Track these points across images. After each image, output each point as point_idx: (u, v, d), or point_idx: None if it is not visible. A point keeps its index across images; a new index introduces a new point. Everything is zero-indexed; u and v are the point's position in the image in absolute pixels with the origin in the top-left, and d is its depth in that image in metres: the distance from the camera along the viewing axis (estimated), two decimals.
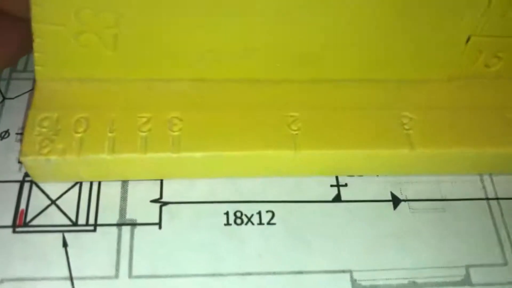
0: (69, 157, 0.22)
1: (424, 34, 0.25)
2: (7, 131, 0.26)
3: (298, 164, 0.24)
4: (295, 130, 0.24)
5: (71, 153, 0.23)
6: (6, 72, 0.28)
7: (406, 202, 0.26)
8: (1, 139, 0.25)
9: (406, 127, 0.25)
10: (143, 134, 0.23)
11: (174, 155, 0.23)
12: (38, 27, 0.22)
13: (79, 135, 0.23)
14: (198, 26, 0.23)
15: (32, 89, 0.27)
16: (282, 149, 0.24)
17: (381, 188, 0.26)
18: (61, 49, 0.23)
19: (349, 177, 0.26)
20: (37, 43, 0.23)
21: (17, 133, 0.26)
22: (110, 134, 0.23)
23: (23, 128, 0.26)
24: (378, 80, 0.26)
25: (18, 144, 0.25)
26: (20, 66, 0.28)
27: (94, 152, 0.23)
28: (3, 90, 0.27)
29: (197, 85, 0.25)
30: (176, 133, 0.23)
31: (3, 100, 0.27)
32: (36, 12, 0.22)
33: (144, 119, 0.24)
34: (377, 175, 0.26)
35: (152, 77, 0.25)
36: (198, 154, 0.23)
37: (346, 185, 0.26)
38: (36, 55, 0.23)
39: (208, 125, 0.24)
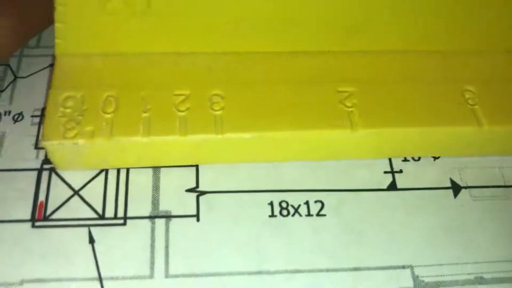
0: (99, 140, 0.20)
1: (483, 3, 0.23)
2: (20, 114, 0.23)
3: (353, 145, 0.22)
4: (349, 107, 0.21)
5: (102, 135, 0.20)
6: None
7: (467, 189, 0.23)
8: (14, 123, 0.23)
9: (470, 102, 0.22)
10: (182, 114, 0.20)
11: (218, 137, 0.20)
12: None
13: (109, 115, 0.20)
14: None
15: (49, 66, 0.24)
16: (338, 128, 0.21)
17: (439, 174, 0.23)
18: (85, 19, 0.21)
19: (403, 162, 0.23)
20: (59, 11, 0.20)
21: (32, 116, 0.23)
22: (144, 115, 0.20)
23: (41, 110, 0.23)
24: (436, 51, 0.24)
25: (34, 128, 0.23)
26: (31, 41, 0.25)
27: (128, 134, 0.20)
28: (14, 68, 0.24)
29: (237, 59, 0.22)
30: (218, 112, 0.21)
31: (14, 79, 0.24)
32: None
33: (182, 97, 0.21)
34: (434, 159, 0.23)
35: (184, 50, 0.22)
36: (245, 135, 0.21)
37: (401, 171, 0.23)
38: (57, 25, 0.21)
39: (253, 103, 0.21)
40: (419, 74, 0.23)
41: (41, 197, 0.21)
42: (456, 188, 0.23)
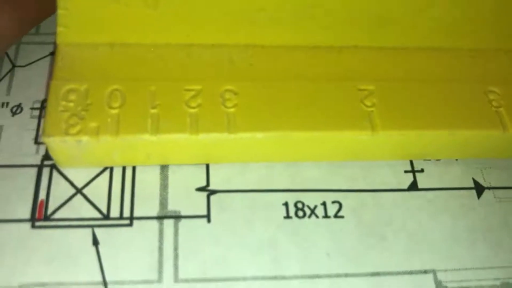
0: (105, 137, 0.18)
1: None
2: (19, 106, 0.21)
3: (373, 146, 0.21)
4: (369, 107, 0.20)
5: (107, 133, 0.18)
6: None
7: (491, 190, 0.22)
8: (13, 115, 0.21)
9: (494, 104, 0.21)
10: (193, 110, 0.19)
11: (231, 136, 0.19)
12: None
13: (114, 111, 0.19)
14: None
15: (49, 55, 0.22)
16: (357, 129, 0.20)
17: (461, 173, 0.22)
18: (90, 6, 0.19)
19: (424, 161, 0.22)
20: None
21: (32, 108, 0.21)
22: (152, 111, 0.19)
23: (41, 102, 0.21)
24: (460, 49, 0.22)
25: (34, 121, 0.21)
26: None
27: (135, 131, 0.19)
28: (11, 56, 0.23)
29: (251, 52, 0.21)
30: (231, 110, 0.19)
31: (12, 68, 0.22)
32: None
33: (192, 93, 0.19)
34: (456, 159, 0.22)
35: (195, 41, 0.21)
36: (259, 135, 0.19)
37: (422, 170, 0.22)
38: (59, 12, 0.19)
39: (267, 100, 0.20)
40: (442, 73, 0.22)
41: (42, 196, 0.20)
42: (479, 189, 0.22)
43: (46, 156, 0.20)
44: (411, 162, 0.22)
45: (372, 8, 0.21)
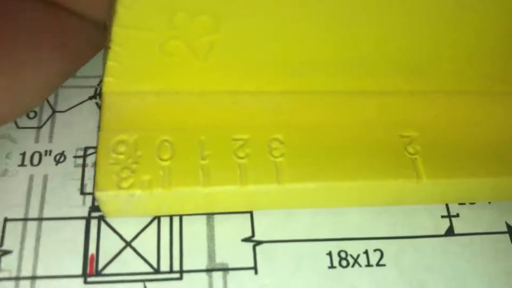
0: (157, 191, 0.19)
1: None
2: (62, 154, 0.21)
3: (417, 193, 0.21)
4: (413, 154, 0.20)
5: (159, 185, 0.19)
6: None
7: None
8: (56, 164, 0.21)
9: None
10: (242, 161, 0.19)
11: (280, 187, 0.19)
12: (120, 32, 0.18)
13: (166, 163, 0.19)
14: (299, 34, 0.19)
15: (88, 99, 0.22)
16: (403, 178, 0.20)
17: (494, 217, 0.23)
18: (141, 59, 0.19)
19: (459, 206, 0.23)
20: (114, 51, 0.19)
21: (75, 156, 0.21)
22: (202, 162, 0.19)
23: (84, 149, 0.21)
24: (497, 92, 0.23)
25: (78, 170, 0.21)
26: None
27: (187, 184, 0.19)
28: (51, 101, 0.23)
29: (295, 98, 0.21)
30: (278, 160, 0.20)
31: (53, 114, 0.22)
32: (122, 15, 0.17)
33: (241, 142, 0.20)
34: (489, 202, 0.23)
35: (242, 89, 0.21)
36: (307, 185, 0.19)
37: (457, 215, 0.22)
38: (110, 64, 0.19)
39: (312, 149, 0.20)
40: (485, 118, 0.22)
41: (92, 250, 0.20)
42: None
43: (93, 208, 0.20)
44: (447, 207, 0.23)
45: (413, 53, 0.21)
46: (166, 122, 0.20)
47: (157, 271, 0.20)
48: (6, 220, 0.20)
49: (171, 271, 0.20)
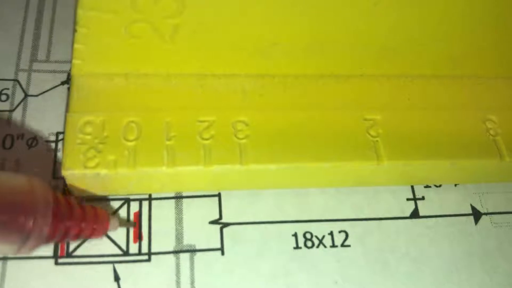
0: (122, 170, 0.19)
1: (510, 29, 0.22)
2: (34, 138, 0.22)
3: (378, 175, 0.22)
4: (374, 137, 0.21)
5: (124, 165, 0.19)
6: (25, 61, 0.23)
7: (488, 216, 0.23)
8: (29, 148, 0.22)
9: (491, 132, 0.22)
10: (206, 142, 0.20)
11: (243, 168, 0.20)
12: (84, 15, 0.18)
13: (131, 143, 0.20)
14: (266, 17, 0.20)
15: (61, 84, 0.23)
16: (364, 160, 0.21)
17: (460, 200, 0.23)
18: (108, 41, 0.20)
19: (425, 189, 0.23)
20: (80, 33, 0.19)
21: (47, 141, 0.22)
22: (167, 142, 0.20)
23: (56, 134, 0.22)
24: (461, 76, 0.23)
25: (50, 154, 0.21)
26: (41, 54, 0.24)
27: (152, 164, 0.19)
28: (23, 85, 0.23)
29: (260, 82, 0.21)
30: (242, 141, 0.20)
31: (25, 98, 0.23)
32: None
33: (206, 124, 0.20)
34: (455, 185, 0.23)
35: (209, 72, 0.21)
36: (270, 166, 0.20)
37: (423, 198, 0.23)
38: (76, 46, 0.19)
39: (276, 131, 0.21)
40: (443, 101, 0.23)
41: None
42: (477, 215, 0.23)
43: (65, 192, 0.21)
44: (413, 190, 0.23)
45: (377, 38, 0.21)
46: (133, 104, 0.20)
47: (126, 253, 0.20)
48: None
49: (139, 253, 0.20)
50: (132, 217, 0.21)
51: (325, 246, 0.21)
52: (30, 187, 0.17)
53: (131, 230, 0.21)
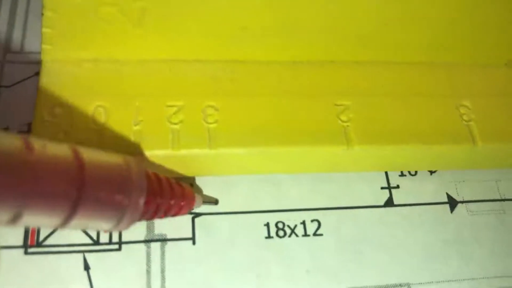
0: None
1: (484, 16, 0.22)
2: (6, 129, 0.22)
3: (350, 160, 0.21)
4: (345, 122, 0.21)
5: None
6: None
7: (464, 204, 0.23)
8: None
9: (465, 118, 0.22)
10: (175, 126, 0.20)
11: (212, 152, 0.20)
12: None
13: (99, 127, 0.19)
14: (236, 3, 0.20)
15: (35, 75, 0.23)
16: (333, 144, 0.20)
17: (435, 188, 0.23)
18: (76, 25, 0.20)
19: (400, 177, 0.23)
20: (47, 16, 0.19)
21: (19, 131, 0.22)
22: (135, 127, 0.20)
23: (28, 124, 0.22)
24: (435, 63, 0.23)
25: None
26: (15, 46, 0.24)
27: (118, 149, 0.19)
28: None
29: (231, 68, 0.21)
30: (212, 125, 0.20)
31: None
32: None
33: (174, 109, 0.20)
34: (431, 174, 0.23)
35: (178, 57, 0.21)
36: (239, 151, 0.20)
37: (398, 186, 0.23)
38: (44, 31, 0.20)
39: (246, 116, 0.20)
40: (417, 87, 0.22)
41: None
42: (452, 203, 0.23)
43: None
44: (387, 178, 0.23)
45: (350, 25, 0.22)
46: (102, 89, 0.20)
47: (96, 242, 0.20)
48: None
49: (110, 243, 0.20)
50: None
51: (297, 236, 0.21)
52: (127, 165, 0.17)
53: None
